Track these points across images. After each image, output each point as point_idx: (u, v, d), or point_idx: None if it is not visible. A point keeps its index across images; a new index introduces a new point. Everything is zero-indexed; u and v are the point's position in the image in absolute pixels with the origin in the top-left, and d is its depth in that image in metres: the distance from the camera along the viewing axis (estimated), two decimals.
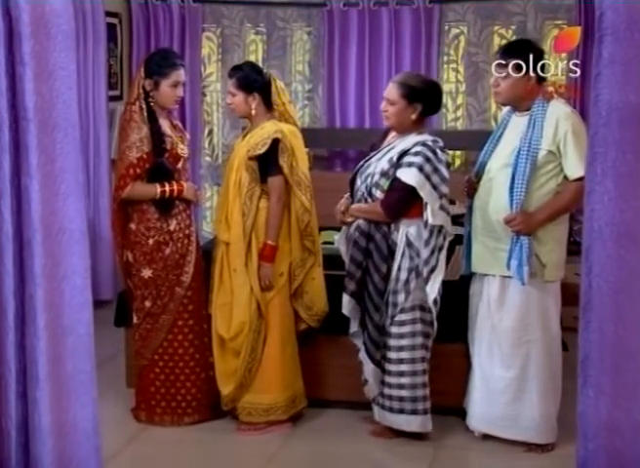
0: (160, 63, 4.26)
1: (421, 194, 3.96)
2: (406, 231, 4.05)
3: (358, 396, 4.41)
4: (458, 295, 4.27)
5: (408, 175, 3.97)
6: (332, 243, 5.24)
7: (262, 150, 4.17)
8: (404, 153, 4.02)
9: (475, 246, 4.13)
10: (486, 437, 4.21)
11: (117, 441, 4.25)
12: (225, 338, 4.28)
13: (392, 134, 4.22)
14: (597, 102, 2.22)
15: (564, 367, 4.13)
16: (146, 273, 4.30)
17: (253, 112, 4.26)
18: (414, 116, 4.07)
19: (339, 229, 4.42)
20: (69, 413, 2.44)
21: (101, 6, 6.24)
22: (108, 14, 6.45)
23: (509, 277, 3.99)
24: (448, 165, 4.11)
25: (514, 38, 6.47)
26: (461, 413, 4.31)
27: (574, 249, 4.37)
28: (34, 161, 2.29)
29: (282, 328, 4.32)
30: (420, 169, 3.95)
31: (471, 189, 4.14)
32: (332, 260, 4.48)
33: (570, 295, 4.51)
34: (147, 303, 4.33)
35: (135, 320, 4.41)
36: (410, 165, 3.97)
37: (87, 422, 2.49)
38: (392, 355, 4.12)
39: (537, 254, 3.96)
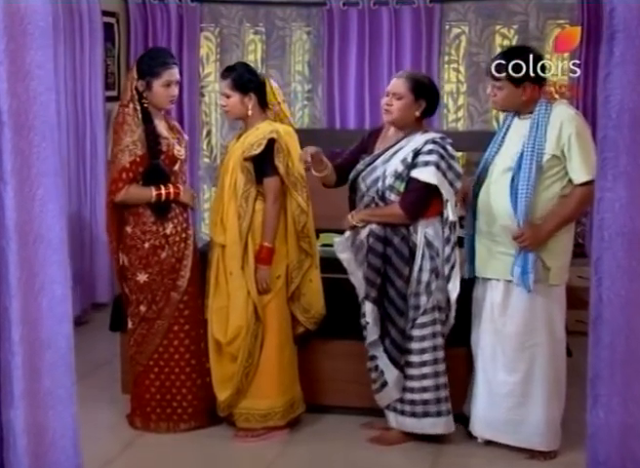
0: (151, 63, 4.19)
1: (443, 192, 3.94)
2: (424, 231, 4.02)
3: (356, 401, 4.39)
4: (460, 299, 4.20)
5: (427, 175, 3.94)
6: (331, 245, 5.17)
7: (258, 151, 4.11)
8: (417, 153, 3.97)
9: (478, 250, 4.09)
10: (488, 443, 4.15)
11: (112, 447, 4.22)
12: (222, 343, 4.22)
13: (388, 133, 4.15)
14: (607, 104, 2.10)
15: (567, 372, 4.07)
16: (142, 277, 4.24)
17: (249, 113, 4.20)
18: (417, 113, 4.03)
19: (338, 232, 4.35)
20: (47, 433, 2.33)
21: (98, 5, 6.19)
22: (105, 13, 6.40)
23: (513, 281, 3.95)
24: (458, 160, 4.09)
25: (516, 38, 6.45)
26: (462, 419, 4.24)
27: (577, 251, 4.32)
28: (9, 166, 2.17)
29: (279, 331, 4.26)
30: (438, 167, 3.93)
31: (465, 199, 4.09)
32: (330, 263, 4.40)
33: (573, 299, 4.46)
34: (142, 308, 4.27)
35: (130, 325, 4.35)
36: (426, 164, 3.94)
37: (67, 441, 2.37)
38: (414, 358, 4.07)
39: (541, 258, 3.91)
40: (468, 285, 4.20)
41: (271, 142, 4.11)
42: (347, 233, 4.17)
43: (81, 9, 6.00)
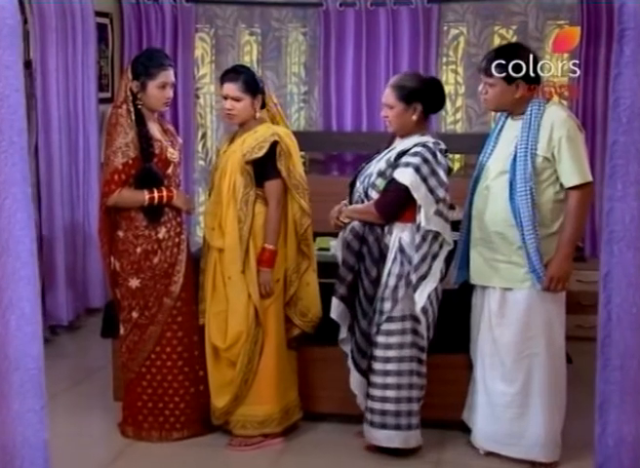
0: (146, 64, 4.11)
1: (415, 196, 3.84)
2: (399, 236, 3.92)
3: (352, 409, 4.29)
4: (458, 305, 4.15)
5: (403, 175, 3.85)
6: (327, 249, 5.10)
7: (260, 154, 4.04)
8: (402, 153, 3.91)
9: (473, 257, 4.02)
10: (489, 453, 4.08)
11: (103, 456, 4.16)
12: (220, 348, 4.15)
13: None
14: (617, 107, 1.98)
15: (568, 380, 3.99)
16: (134, 283, 4.16)
17: (257, 116, 4.13)
18: (414, 117, 3.96)
19: (334, 235, 4.28)
20: (16, 461, 2.17)
21: (91, 5, 6.11)
22: (99, 14, 6.32)
23: (509, 289, 3.90)
24: (449, 170, 3.97)
25: (515, 38, 6.38)
26: (463, 427, 4.17)
27: (576, 255, 4.24)
28: None
29: (277, 336, 4.20)
30: (417, 169, 3.84)
31: None
32: (327, 267, 4.34)
33: (572, 303, 4.39)
34: (134, 314, 4.19)
35: (121, 331, 4.27)
36: (407, 165, 3.86)
37: None
38: (378, 366, 3.98)
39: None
40: (466, 291, 4.13)
41: (274, 145, 4.04)
42: (340, 234, 4.12)
43: (73, 9, 5.92)
